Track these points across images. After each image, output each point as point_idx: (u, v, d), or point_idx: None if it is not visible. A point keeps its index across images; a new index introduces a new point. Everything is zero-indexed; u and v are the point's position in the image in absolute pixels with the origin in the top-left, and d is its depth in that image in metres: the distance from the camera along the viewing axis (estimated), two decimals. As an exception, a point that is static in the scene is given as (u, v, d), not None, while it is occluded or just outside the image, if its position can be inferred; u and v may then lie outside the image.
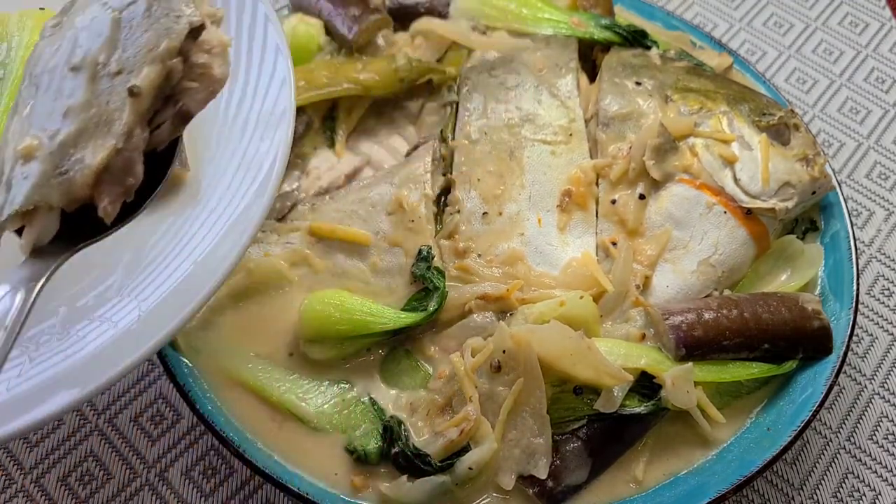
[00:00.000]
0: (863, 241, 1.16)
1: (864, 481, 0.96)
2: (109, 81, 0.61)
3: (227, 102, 0.77)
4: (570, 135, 1.06)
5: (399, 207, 0.98)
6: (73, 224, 0.62)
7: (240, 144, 0.75)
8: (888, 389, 1.03)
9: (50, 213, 0.59)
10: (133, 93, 0.60)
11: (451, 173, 1.03)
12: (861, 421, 1.00)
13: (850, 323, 0.92)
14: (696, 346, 0.88)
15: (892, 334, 1.08)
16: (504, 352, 0.84)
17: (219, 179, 0.73)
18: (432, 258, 0.94)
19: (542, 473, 0.81)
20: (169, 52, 0.62)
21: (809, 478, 0.96)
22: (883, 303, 1.11)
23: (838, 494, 0.95)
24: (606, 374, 0.84)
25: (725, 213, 0.98)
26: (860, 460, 0.97)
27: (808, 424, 0.86)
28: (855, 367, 1.05)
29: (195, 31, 0.63)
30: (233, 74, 0.72)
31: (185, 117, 0.65)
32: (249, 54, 0.79)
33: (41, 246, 0.61)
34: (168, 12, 0.63)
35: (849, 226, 1.01)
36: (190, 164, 0.74)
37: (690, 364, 0.87)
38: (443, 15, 1.18)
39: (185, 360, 0.86)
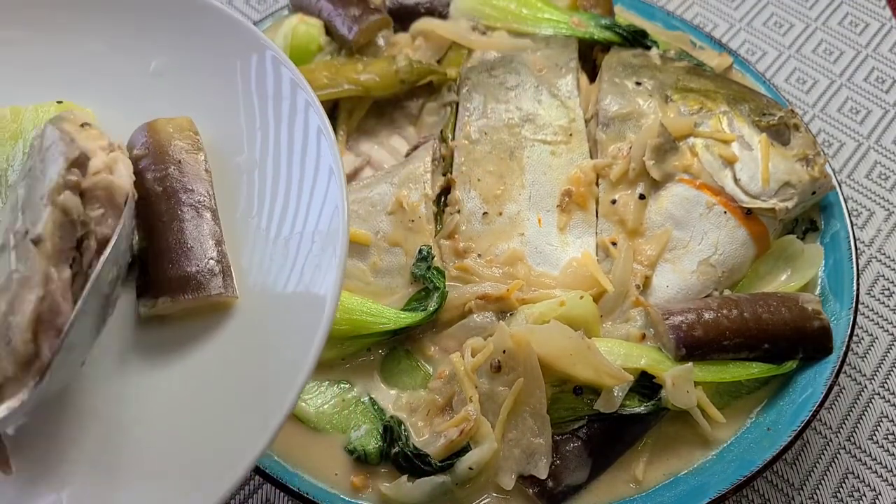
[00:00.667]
0: (863, 241, 1.16)
1: (864, 481, 0.96)
2: (23, 243, 0.61)
3: (272, 226, 0.72)
4: (570, 135, 1.06)
5: (399, 207, 0.98)
6: None
7: (287, 277, 0.70)
8: (888, 389, 1.03)
9: (14, 380, 0.59)
10: (35, 241, 0.60)
11: (451, 173, 1.03)
12: (861, 421, 1.00)
13: (850, 323, 0.92)
14: (696, 346, 0.88)
15: (892, 334, 1.08)
16: (504, 352, 0.84)
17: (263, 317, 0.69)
18: (432, 258, 0.94)
19: (543, 473, 0.82)
20: (55, 191, 0.62)
21: (809, 478, 0.96)
22: (883, 303, 1.10)
23: (838, 494, 0.95)
24: (606, 374, 0.84)
25: (725, 213, 0.98)
26: (860, 460, 0.97)
27: (808, 424, 0.86)
28: (855, 367, 1.05)
29: (77, 163, 0.64)
30: (276, 196, 0.70)
31: (104, 244, 0.65)
32: (300, 170, 0.73)
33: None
34: (45, 157, 0.64)
35: (849, 226, 1.01)
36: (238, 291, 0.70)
37: (690, 364, 0.87)
38: (443, 15, 1.18)
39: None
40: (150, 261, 0.70)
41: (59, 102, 0.78)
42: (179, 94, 0.80)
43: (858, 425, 1.00)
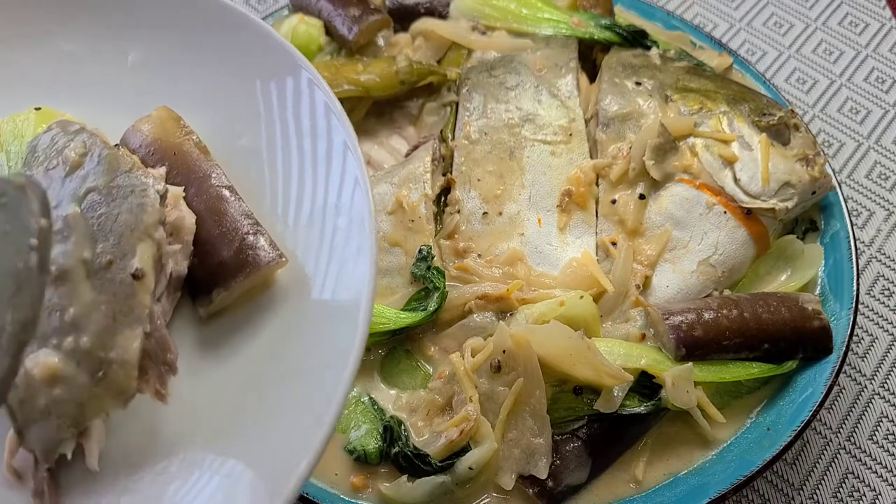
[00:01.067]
0: (863, 241, 1.16)
1: (863, 481, 0.96)
2: (106, 273, 0.59)
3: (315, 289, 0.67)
4: (570, 135, 1.06)
5: (399, 207, 0.98)
6: None
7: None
8: (888, 389, 1.03)
9: (102, 419, 0.58)
10: (137, 276, 0.59)
11: (450, 173, 1.03)
12: (861, 421, 1.00)
13: (850, 323, 0.92)
14: (696, 346, 0.88)
15: (892, 334, 1.08)
16: (504, 352, 0.84)
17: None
18: (432, 258, 0.94)
19: (543, 473, 0.81)
20: (153, 226, 0.61)
21: (809, 478, 0.96)
22: (883, 303, 1.10)
23: (838, 494, 0.94)
24: (606, 375, 0.84)
25: (725, 213, 0.98)
26: (860, 460, 0.97)
27: (808, 424, 0.86)
28: (855, 367, 1.04)
29: (163, 197, 0.63)
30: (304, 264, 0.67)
31: (179, 281, 0.64)
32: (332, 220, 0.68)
33: None
34: (132, 189, 0.62)
35: (849, 226, 1.01)
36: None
37: (690, 364, 0.87)
38: (443, 15, 1.18)
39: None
40: (191, 262, 0.68)
41: (38, 109, 0.75)
42: (158, 85, 0.77)
43: (858, 425, 1.00)
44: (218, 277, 0.66)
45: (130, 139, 0.73)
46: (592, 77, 1.15)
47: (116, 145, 0.69)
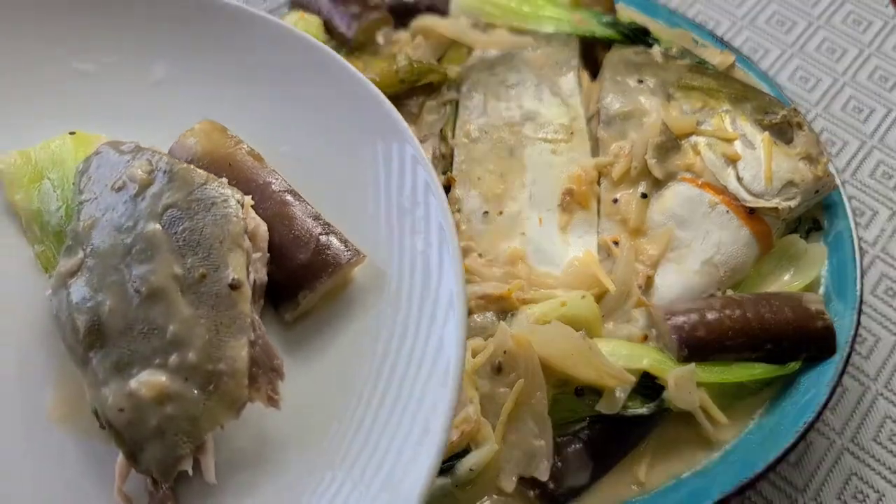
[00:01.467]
0: (866, 241, 1.15)
1: (867, 483, 0.95)
2: (200, 287, 0.59)
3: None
4: (572, 133, 1.05)
5: (399, 206, 0.97)
6: None
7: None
8: (892, 390, 1.02)
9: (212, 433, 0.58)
10: (234, 286, 0.59)
11: (451, 172, 1.02)
12: (865, 422, 0.99)
13: (854, 323, 0.92)
14: (698, 346, 0.88)
15: (895, 335, 1.07)
16: (505, 352, 0.83)
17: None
18: (432, 258, 0.93)
19: (544, 475, 0.81)
20: (240, 235, 0.61)
21: (813, 479, 0.95)
22: (887, 303, 1.10)
23: (842, 496, 0.94)
24: (608, 375, 0.83)
25: (728, 212, 0.97)
26: (864, 462, 0.96)
27: (811, 426, 0.85)
28: (858, 368, 1.04)
29: (241, 206, 0.64)
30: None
31: (262, 289, 0.65)
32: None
33: None
34: (213, 201, 0.63)
35: (852, 225, 1.00)
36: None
37: (693, 365, 0.87)
38: (443, 12, 1.17)
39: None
40: (268, 269, 0.67)
41: (72, 134, 0.74)
42: (185, 101, 0.77)
43: (862, 426, 0.99)
44: (301, 280, 0.66)
45: (181, 153, 0.71)
46: (594, 75, 1.14)
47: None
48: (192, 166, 0.65)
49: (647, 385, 0.87)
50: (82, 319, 0.59)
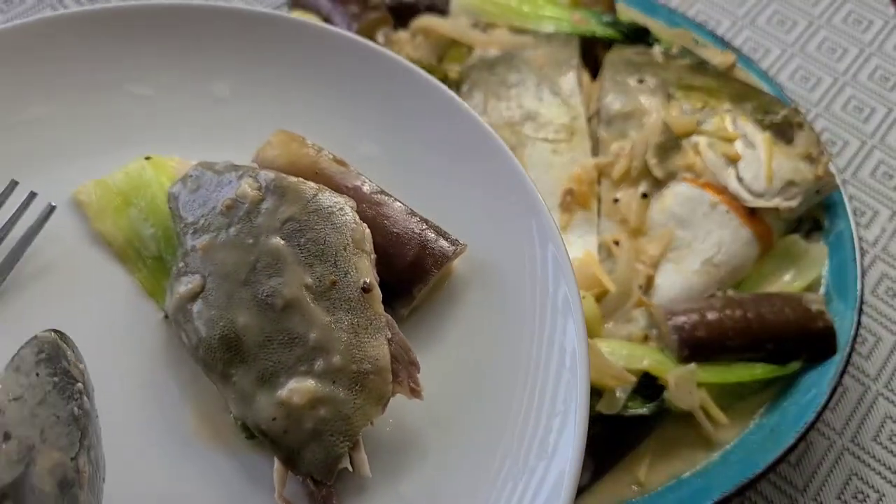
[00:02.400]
0: (867, 241, 1.15)
1: (868, 483, 0.95)
2: (333, 294, 0.61)
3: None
4: (572, 133, 1.05)
5: (399, 206, 0.97)
6: None
7: None
8: (892, 390, 1.02)
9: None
10: (366, 289, 0.61)
11: (451, 172, 1.02)
12: (865, 422, 0.99)
13: (855, 323, 0.92)
14: (699, 346, 0.88)
15: (896, 334, 1.07)
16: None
17: None
18: (432, 258, 0.93)
19: (544, 475, 0.81)
20: (362, 240, 0.63)
21: (813, 479, 0.95)
22: (887, 303, 1.10)
23: (842, 496, 0.94)
24: (609, 375, 0.83)
25: (729, 212, 0.97)
26: (864, 462, 0.96)
27: (812, 426, 0.85)
28: (859, 368, 1.04)
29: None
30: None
31: (372, 289, 0.66)
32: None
33: None
34: (329, 211, 0.64)
35: (853, 225, 1.00)
36: None
37: (693, 365, 0.87)
38: (443, 12, 1.17)
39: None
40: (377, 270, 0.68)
41: (148, 158, 0.74)
42: (250, 116, 0.78)
43: (862, 426, 0.99)
44: (413, 275, 0.68)
45: (264, 166, 0.72)
46: (594, 74, 1.14)
47: None
48: (300, 179, 0.66)
49: (648, 385, 0.87)
50: (217, 339, 0.60)
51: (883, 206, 1.19)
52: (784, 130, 1.04)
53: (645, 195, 0.99)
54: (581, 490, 0.84)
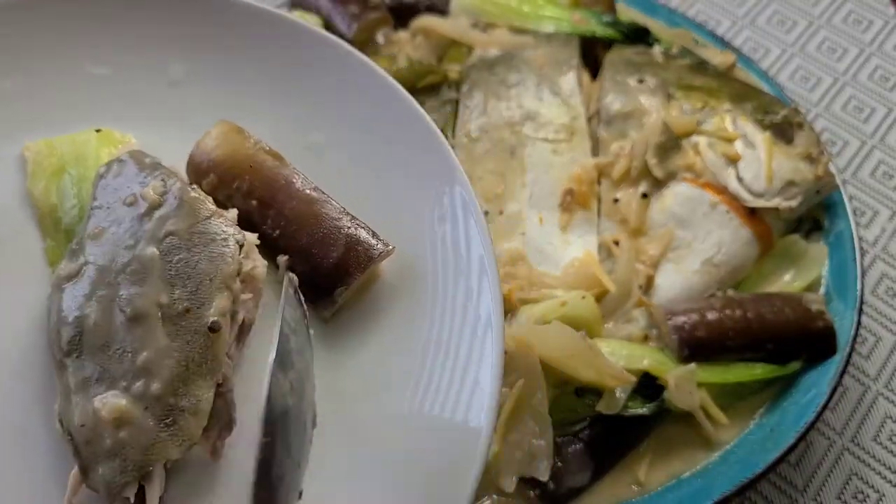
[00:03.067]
0: (867, 241, 1.15)
1: (868, 483, 0.95)
2: (181, 321, 0.59)
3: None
4: (572, 133, 1.05)
5: (399, 206, 0.97)
6: None
7: None
8: (892, 390, 1.02)
9: (162, 464, 0.58)
10: (214, 329, 0.59)
11: (451, 172, 1.02)
12: (865, 422, 0.99)
13: (855, 323, 0.92)
14: (699, 346, 0.88)
15: (896, 334, 1.07)
16: (505, 352, 0.83)
17: None
18: (432, 258, 0.93)
19: (544, 476, 0.81)
20: (231, 278, 0.61)
21: (813, 479, 0.95)
22: (887, 303, 1.10)
23: (842, 496, 0.94)
24: (609, 376, 0.83)
25: (729, 212, 0.97)
26: (864, 462, 0.96)
27: (812, 426, 0.85)
28: (859, 368, 1.04)
29: (240, 248, 0.64)
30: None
31: (247, 329, 0.65)
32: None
33: None
34: (213, 237, 0.63)
35: (853, 225, 1.00)
36: None
37: (693, 365, 0.87)
38: (443, 12, 1.17)
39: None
40: (300, 269, 0.67)
41: (98, 131, 0.74)
42: (203, 101, 0.78)
43: (862, 426, 0.99)
44: (336, 278, 0.67)
45: (199, 160, 0.72)
46: (594, 74, 1.14)
47: (192, 185, 0.68)
48: (203, 196, 0.66)
49: (648, 385, 0.87)
50: (67, 327, 0.60)
51: (883, 205, 1.19)
52: (784, 130, 1.04)
53: (645, 195, 0.99)
54: (581, 490, 0.84)
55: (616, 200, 0.99)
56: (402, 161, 0.74)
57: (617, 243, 0.96)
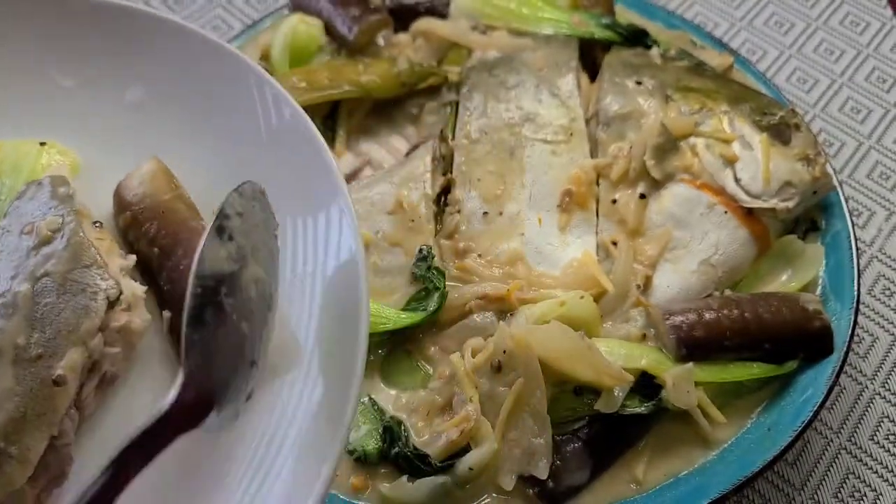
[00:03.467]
0: (864, 241, 1.16)
1: (864, 481, 0.95)
2: (31, 366, 0.57)
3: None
4: (571, 134, 1.05)
5: (399, 207, 0.97)
6: None
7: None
8: (889, 389, 1.03)
9: None
10: (58, 383, 0.56)
11: (451, 173, 1.03)
12: (862, 421, 1.00)
13: (851, 323, 0.92)
14: (696, 346, 0.88)
15: (892, 334, 1.07)
16: (504, 352, 0.84)
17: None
18: (432, 258, 0.94)
19: (543, 474, 0.81)
20: (89, 333, 0.59)
21: (810, 478, 0.95)
22: (884, 303, 1.10)
23: (839, 495, 0.94)
24: (607, 375, 0.84)
25: (726, 213, 0.98)
26: (861, 460, 0.97)
27: (808, 424, 0.85)
28: (856, 368, 1.04)
29: (113, 302, 0.61)
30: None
31: (111, 382, 0.63)
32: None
33: None
34: (84, 287, 0.60)
35: (850, 226, 1.01)
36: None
37: (691, 364, 0.87)
38: (443, 15, 1.18)
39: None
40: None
41: (43, 144, 0.72)
42: (160, 126, 0.75)
43: (859, 426, 1.00)
44: None
45: (125, 193, 0.70)
46: (593, 76, 1.15)
47: (96, 222, 0.66)
48: (89, 243, 0.63)
49: (646, 384, 0.87)
50: None
51: (879, 206, 1.20)
52: (781, 131, 1.05)
53: (643, 196, 0.99)
54: (579, 488, 0.85)
55: (614, 201, 1.00)
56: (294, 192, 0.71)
57: (615, 244, 0.97)
